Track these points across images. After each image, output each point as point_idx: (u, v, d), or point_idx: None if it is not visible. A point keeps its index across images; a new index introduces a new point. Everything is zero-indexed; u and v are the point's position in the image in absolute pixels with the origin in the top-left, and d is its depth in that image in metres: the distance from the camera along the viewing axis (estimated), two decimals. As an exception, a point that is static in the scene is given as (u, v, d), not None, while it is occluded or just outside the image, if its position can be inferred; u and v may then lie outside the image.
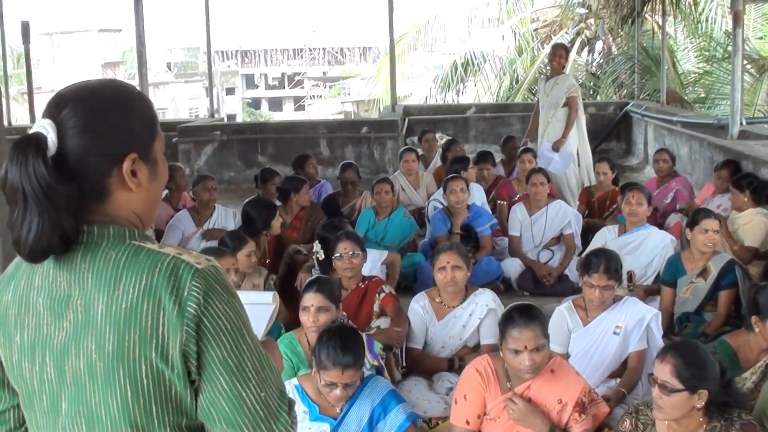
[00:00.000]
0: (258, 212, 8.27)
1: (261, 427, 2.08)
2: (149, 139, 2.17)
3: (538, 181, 9.47)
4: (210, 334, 2.02)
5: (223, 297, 2.05)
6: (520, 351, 4.80)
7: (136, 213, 2.16)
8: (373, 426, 4.91)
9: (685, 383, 4.20)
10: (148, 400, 2.04)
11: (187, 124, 17.47)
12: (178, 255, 2.06)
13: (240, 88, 77.99)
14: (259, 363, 2.10)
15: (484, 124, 18.77)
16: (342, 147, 15.99)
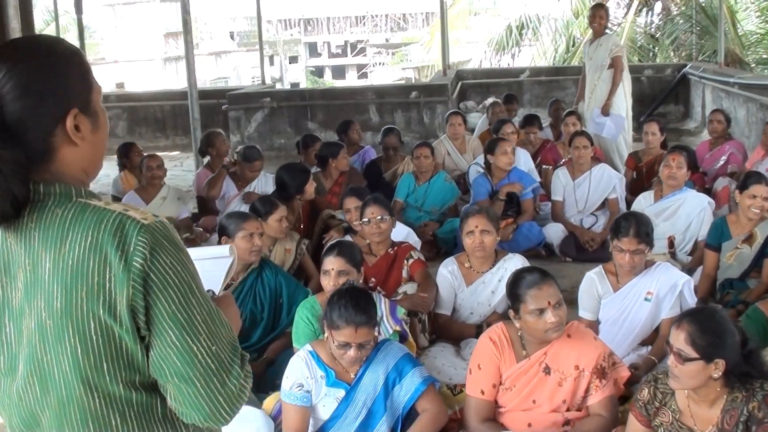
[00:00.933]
0: (291, 177, 8.21)
1: (213, 380, 2.07)
2: (87, 92, 2.15)
3: (581, 144, 9.24)
4: (157, 288, 2.01)
5: (171, 251, 2.04)
6: (544, 309, 4.66)
7: (82, 168, 2.14)
8: (389, 390, 4.80)
9: (701, 352, 4.00)
10: (98, 357, 2.03)
11: (236, 91, 17.45)
12: (125, 211, 2.04)
13: (303, 56, 77.99)
14: (209, 316, 2.09)
15: (538, 87, 18.51)
16: (391, 112, 15.85)
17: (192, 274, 2.09)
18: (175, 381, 2.06)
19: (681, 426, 4.24)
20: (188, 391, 2.07)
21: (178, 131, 17.80)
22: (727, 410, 4.10)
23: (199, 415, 2.10)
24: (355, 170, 10.03)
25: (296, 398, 4.73)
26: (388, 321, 5.64)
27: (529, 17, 25.48)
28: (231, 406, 2.11)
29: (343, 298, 4.73)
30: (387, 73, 65.82)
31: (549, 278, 4.81)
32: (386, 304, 5.73)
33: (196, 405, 2.08)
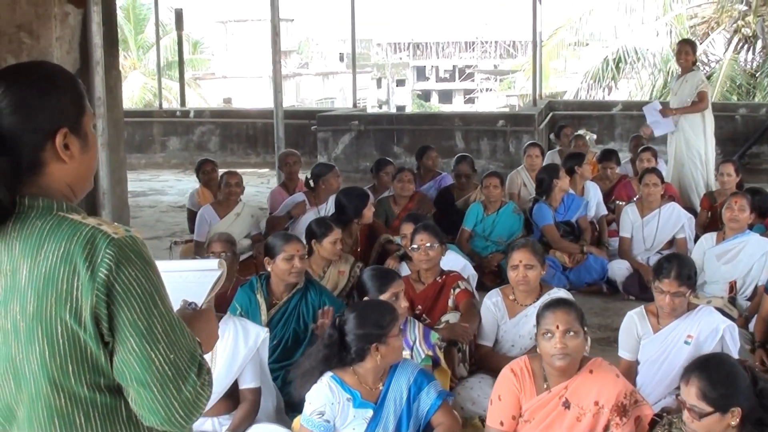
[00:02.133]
0: (349, 200, 8.37)
1: (169, 386, 2.21)
2: (78, 115, 2.35)
3: (651, 181, 9.19)
4: (121, 298, 2.17)
5: (136, 264, 2.20)
6: (551, 333, 4.71)
7: (68, 184, 2.34)
8: (411, 406, 4.88)
9: (715, 405, 4.01)
10: (64, 359, 2.20)
11: (325, 113, 17.69)
12: (98, 225, 2.22)
13: (411, 79, 78.40)
14: (170, 326, 2.24)
15: (630, 122, 18.27)
16: (477, 139, 15.89)
17: (156, 287, 2.24)
18: (134, 385, 2.21)
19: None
20: (146, 395, 2.21)
21: (268, 149, 18.10)
22: None
23: (156, 419, 2.24)
24: (425, 196, 10.14)
25: (314, 425, 4.81)
26: (421, 346, 5.74)
27: (627, 50, 25.27)
28: (186, 411, 2.25)
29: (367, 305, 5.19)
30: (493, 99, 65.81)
31: (568, 307, 4.87)
32: (420, 329, 5.83)
33: (153, 409, 2.22)
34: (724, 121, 16.85)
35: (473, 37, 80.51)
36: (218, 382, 5.12)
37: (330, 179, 9.65)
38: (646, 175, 9.33)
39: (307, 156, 15.50)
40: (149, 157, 19.10)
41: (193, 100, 36.54)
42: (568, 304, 4.92)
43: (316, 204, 9.53)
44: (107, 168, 8.00)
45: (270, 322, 6.11)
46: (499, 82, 70.45)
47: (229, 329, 5.37)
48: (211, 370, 2.33)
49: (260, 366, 5.47)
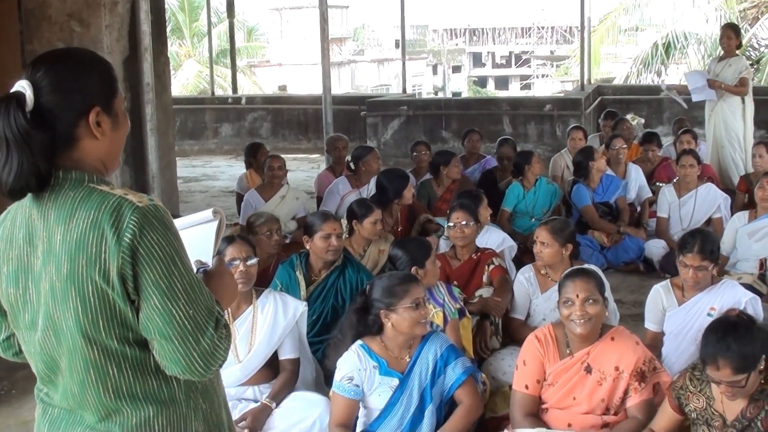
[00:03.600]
0: (390, 181, 8.61)
1: (189, 339, 2.46)
2: (110, 96, 2.62)
3: (688, 162, 9.38)
4: (144, 260, 2.42)
5: (158, 229, 2.45)
6: (572, 301, 4.96)
7: (100, 159, 2.61)
8: (435, 379, 5.09)
9: (747, 369, 4.27)
10: (95, 315, 2.47)
11: (375, 98, 17.94)
12: (124, 195, 2.48)
13: (467, 66, 78.16)
14: (189, 285, 2.48)
15: (677, 106, 18.28)
16: (524, 124, 16.08)
17: (176, 249, 2.48)
18: (158, 338, 2.47)
19: (713, 412, 4.51)
20: (168, 347, 2.46)
21: (318, 134, 18.36)
22: (755, 400, 4.38)
23: (178, 368, 2.49)
24: (467, 178, 10.38)
25: (345, 390, 5.04)
26: (450, 301, 6.03)
27: (676, 35, 25.22)
28: (205, 361, 2.49)
29: (384, 277, 5.37)
30: (549, 85, 65.55)
31: (588, 276, 5.12)
32: (444, 287, 6.13)
33: (174, 360, 2.48)
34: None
35: (530, 23, 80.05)
36: (258, 353, 5.49)
37: (370, 161, 9.89)
38: (683, 156, 9.52)
39: (357, 141, 15.72)
40: (202, 143, 19.49)
41: (247, 88, 36.88)
42: (586, 273, 5.17)
43: (358, 186, 9.79)
44: (156, 152, 8.31)
45: (309, 298, 6.36)
46: (555, 67, 70.12)
47: (269, 303, 5.63)
48: (228, 324, 2.59)
49: (299, 338, 5.73)
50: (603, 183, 9.73)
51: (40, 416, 2.70)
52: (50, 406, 2.67)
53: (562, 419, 5.06)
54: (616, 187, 9.81)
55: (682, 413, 4.64)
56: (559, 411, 5.10)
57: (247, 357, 5.51)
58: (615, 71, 29.51)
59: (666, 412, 4.72)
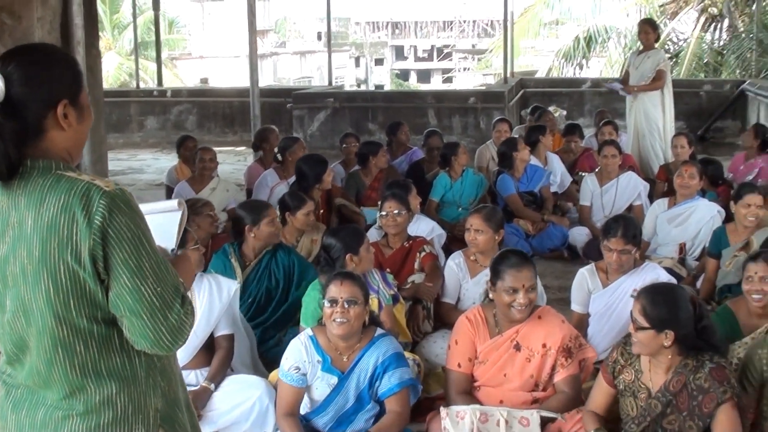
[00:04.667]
0: (310, 167, 8.85)
1: (157, 315, 2.63)
2: (77, 90, 2.77)
3: (610, 153, 9.72)
4: (114, 241, 2.58)
5: (126, 212, 2.60)
6: (517, 289, 5.19)
7: (67, 149, 2.75)
8: (372, 383, 5.24)
9: (651, 322, 4.56)
10: (66, 295, 2.61)
11: (302, 91, 18.07)
12: (92, 180, 2.62)
13: (389, 59, 78.44)
14: (156, 264, 2.65)
15: (599, 98, 18.75)
16: (449, 116, 16.34)
17: (143, 231, 2.65)
18: (127, 315, 2.63)
19: (640, 385, 4.78)
20: (138, 323, 2.63)
21: (245, 127, 18.29)
22: (678, 373, 4.63)
23: (147, 343, 2.66)
24: (393, 168, 10.61)
25: (292, 379, 5.20)
26: (383, 288, 6.20)
27: (597, 29, 25.75)
28: (172, 336, 2.67)
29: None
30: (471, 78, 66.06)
31: (529, 263, 5.37)
32: (378, 274, 6.30)
33: (144, 335, 2.64)
34: (689, 97, 17.49)
35: (452, 17, 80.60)
36: (197, 335, 5.62)
37: (296, 151, 10.03)
38: (605, 146, 9.87)
39: (284, 133, 15.63)
40: (127, 136, 19.35)
41: (169, 81, 36.64)
42: (528, 260, 5.43)
43: (286, 177, 9.91)
44: (88, 145, 8.35)
45: (245, 282, 6.61)
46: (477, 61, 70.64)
47: (204, 285, 5.80)
48: (192, 301, 2.79)
49: (233, 316, 5.92)
50: (527, 173, 10.00)
51: (3, 398, 2.83)
52: (13, 387, 2.80)
53: (494, 396, 5.30)
54: (540, 176, 10.10)
55: (614, 386, 4.90)
56: (491, 389, 5.34)
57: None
58: (536, 64, 29.98)
59: (601, 388, 4.97)
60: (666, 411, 4.65)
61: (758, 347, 5.10)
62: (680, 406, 4.59)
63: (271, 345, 6.52)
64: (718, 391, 4.47)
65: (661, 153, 11.97)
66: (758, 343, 5.17)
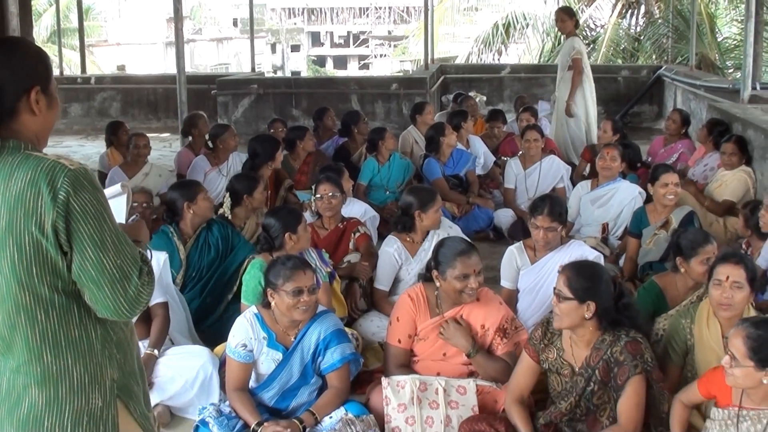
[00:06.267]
0: (263, 147, 9.22)
1: (117, 285, 2.87)
2: (47, 79, 3.02)
3: (532, 137, 10.09)
4: (79, 215, 2.80)
5: (89, 189, 2.83)
6: (468, 275, 5.45)
7: (35, 133, 2.99)
8: (315, 359, 5.47)
9: (574, 293, 4.83)
10: (29, 263, 2.83)
11: (224, 77, 18.15)
12: (57, 159, 2.85)
13: (306, 45, 78.24)
14: (117, 238, 2.89)
15: (518, 84, 19.18)
16: (372, 102, 16.56)
17: (105, 207, 2.88)
18: (90, 285, 2.86)
19: (563, 362, 5.05)
20: (99, 294, 2.87)
21: (169, 114, 18.36)
22: (596, 348, 4.91)
23: (107, 312, 2.90)
24: (321, 152, 10.89)
25: (239, 356, 5.42)
26: (320, 265, 6.44)
27: (515, 16, 26.19)
28: (131, 305, 2.90)
29: (281, 258, 5.53)
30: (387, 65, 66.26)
31: (475, 249, 5.64)
32: (314, 253, 6.55)
33: (104, 304, 2.88)
34: (607, 83, 17.96)
35: (367, 3, 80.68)
36: None
37: (227, 139, 10.26)
38: (527, 131, 10.24)
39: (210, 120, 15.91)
40: (51, 123, 19.15)
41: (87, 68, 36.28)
42: (474, 248, 5.68)
43: (217, 164, 10.18)
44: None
45: (187, 258, 6.94)
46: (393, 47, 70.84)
47: None
48: (151, 270, 3.00)
49: (164, 285, 6.16)
50: (453, 157, 10.32)
51: None
52: None
53: (432, 368, 5.58)
54: (465, 160, 10.43)
55: (539, 363, 5.16)
56: (430, 362, 5.61)
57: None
58: (453, 51, 30.28)
59: (524, 364, 5.20)
60: (591, 387, 4.91)
61: (681, 317, 5.44)
62: (602, 378, 4.86)
63: (211, 322, 6.82)
64: (631, 364, 4.74)
65: (581, 137, 12.39)
66: (682, 314, 5.51)
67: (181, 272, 6.87)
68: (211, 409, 5.40)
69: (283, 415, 5.46)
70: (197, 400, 5.70)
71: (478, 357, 5.47)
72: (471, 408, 5.29)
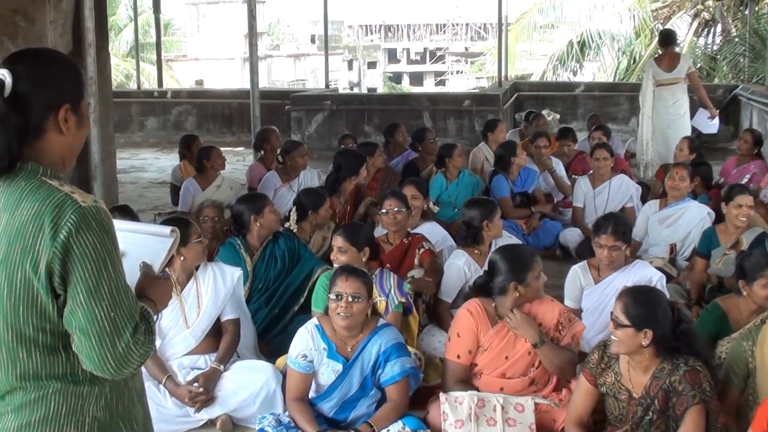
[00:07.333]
0: (347, 160, 9.35)
1: (106, 339, 2.64)
2: (79, 97, 2.86)
3: (602, 156, 10.02)
4: (77, 258, 2.60)
5: (95, 231, 2.63)
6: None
7: (62, 153, 2.82)
8: (375, 371, 5.53)
9: (631, 321, 4.82)
10: (17, 301, 2.65)
11: (299, 93, 18.33)
12: (70, 193, 2.66)
13: (382, 62, 78.62)
14: (115, 289, 2.66)
15: (592, 102, 19.07)
16: (444, 119, 16.64)
17: (109, 252, 2.66)
18: (77, 333, 2.64)
19: (620, 387, 5.04)
20: (86, 343, 2.64)
21: (243, 128, 18.55)
22: (655, 377, 4.89)
23: (91, 364, 2.68)
24: (390, 168, 10.92)
25: (300, 366, 5.51)
26: (395, 293, 6.40)
27: (590, 34, 26.07)
28: (117, 363, 2.67)
29: (340, 267, 5.72)
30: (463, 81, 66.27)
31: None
32: (394, 279, 6.50)
33: (89, 356, 2.66)
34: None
35: (444, 20, 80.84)
36: (205, 317, 6.07)
37: (296, 157, 10.27)
38: (597, 149, 10.18)
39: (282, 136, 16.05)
40: (128, 136, 19.52)
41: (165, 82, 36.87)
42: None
43: (288, 180, 10.24)
44: (99, 143, 8.63)
45: (254, 269, 7.08)
46: (470, 64, 70.84)
47: (208, 273, 6.19)
48: (151, 330, 2.79)
49: (238, 301, 6.31)
50: (521, 175, 10.32)
51: None
52: None
53: (494, 385, 5.60)
54: (533, 179, 10.44)
55: (597, 386, 5.16)
56: (491, 377, 5.64)
57: (195, 322, 6.04)
58: (529, 68, 30.26)
59: (582, 388, 5.22)
60: (650, 416, 4.89)
61: (744, 340, 5.36)
62: (661, 408, 4.84)
63: (275, 333, 6.92)
64: (689, 394, 4.71)
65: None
66: (744, 336, 5.43)
67: (248, 284, 6.97)
68: (271, 419, 5.51)
69: (341, 426, 5.53)
70: (259, 414, 5.76)
71: (545, 347, 5.53)
72: (528, 426, 5.32)
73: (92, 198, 2.70)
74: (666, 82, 12.84)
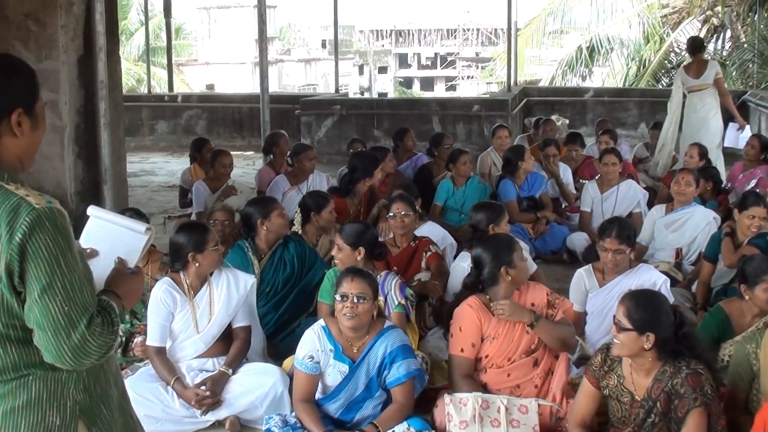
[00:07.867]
0: (362, 162, 9.40)
1: (61, 332, 2.75)
2: (32, 100, 2.92)
3: (610, 161, 10.08)
4: (31, 257, 2.72)
5: (49, 231, 2.74)
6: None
7: (18, 156, 2.91)
8: (381, 373, 5.58)
9: (634, 324, 4.85)
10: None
11: (309, 97, 18.41)
12: (25, 196, 2.76)
13: (393, 67, 78.72)
14: (69, 284, 2.78)
15: (601, 107, 19.12)
16: (453, 124, 16.69)
17: (62, 250, 2.76)
18: (36, 328, 2.78)
19: (623, 389, 5.08)
20: (43, 337, 2.77)
21: (253, 132, 18.58)
22: (657, 380, 4.92)
23: (50, 356, 2.80)
24: (400, 173, 10.98)
25: (306, 367, 5.57)
26: (395, 294, 6.41)
27: (600, 40, 26.13)
28: (75, 354, 2.78)
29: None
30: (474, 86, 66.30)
31: None
32: (396, 283, 6.51)
33: (47, 348, 2.78)
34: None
35: (455, 25, 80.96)
36: (217, 323, 6.10)
37: (303, 160, 10.33)
38: (605, 155, 10.24)
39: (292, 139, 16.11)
40: (138, 140, 19.62)
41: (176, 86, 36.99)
42: None
43: (296, 183, 10.29)
44: (109, 147, 8.69)
45: (262, 273, 7.08)
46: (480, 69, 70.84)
47: (222, 279, 6.21)
48: (112, 322, 2.88)
49: (250, 308, 6.35)
50: (528, 180, 10.37)
51: None
52: None
53: (501, 375, 5.70)
54: (540, 184, 10.49)
55: (600, 389, 5.20)
56: (498, 369, 5.71)
57: (206, 328, 6.08)
58: (539, 73, 30.31)
59: (585, 390, 5.26)
60: (652, 419, 4.92)
61: (747, 343, 5.41)
62: (663, 410, 4.87)
63: (283, 336, 6.95)
64: (691, 397, 4.75)
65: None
66: (747, 339, 5.48)
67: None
68: (277, 419, 5.57)
69: (347, 427, 5.58)
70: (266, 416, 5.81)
71: (541, 323, 5.66)
72: (532, 427, 5.37)
73: (46, 199, 2.79)
74: (695, 89, 12.86)
